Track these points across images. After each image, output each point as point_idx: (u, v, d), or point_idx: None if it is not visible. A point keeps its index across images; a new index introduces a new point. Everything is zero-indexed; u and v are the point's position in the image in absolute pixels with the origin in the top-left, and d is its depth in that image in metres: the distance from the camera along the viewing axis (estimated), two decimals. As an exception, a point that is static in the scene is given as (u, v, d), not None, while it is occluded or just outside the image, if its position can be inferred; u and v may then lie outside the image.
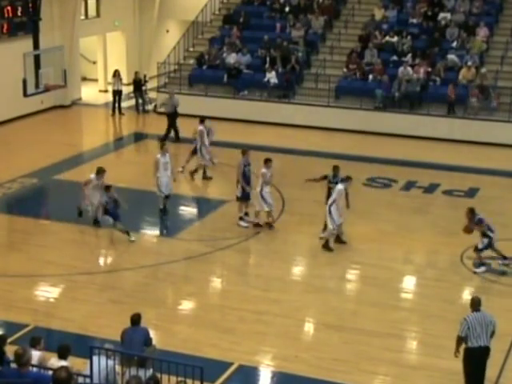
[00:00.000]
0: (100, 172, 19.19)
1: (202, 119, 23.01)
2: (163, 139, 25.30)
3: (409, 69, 28.47)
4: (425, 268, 17.63)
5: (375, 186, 22.74)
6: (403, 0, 32.08)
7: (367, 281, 16.82)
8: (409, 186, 22.73)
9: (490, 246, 16.98)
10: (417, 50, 29.49)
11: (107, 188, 18.75)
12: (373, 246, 18.45)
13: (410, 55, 29.34)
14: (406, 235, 19.02)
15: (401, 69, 28.48)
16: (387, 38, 30.35)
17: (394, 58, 29.67)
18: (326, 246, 18.00)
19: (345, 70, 29.69)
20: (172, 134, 26.65)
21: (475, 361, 11.99)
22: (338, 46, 30.94)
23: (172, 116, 26.73)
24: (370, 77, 29.03)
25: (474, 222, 16.97)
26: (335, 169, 19.16)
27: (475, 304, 12.12)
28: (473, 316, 11.99)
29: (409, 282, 17.19)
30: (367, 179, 23.05)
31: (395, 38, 30.14)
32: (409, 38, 29.89)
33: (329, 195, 18.57)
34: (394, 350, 13.90)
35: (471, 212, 17.06)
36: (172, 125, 26.65)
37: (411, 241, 18.85)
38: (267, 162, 19.39)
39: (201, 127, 22.56)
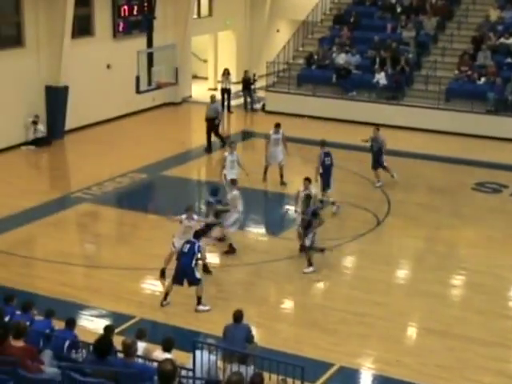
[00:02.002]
0: (189, 210, 16.55)
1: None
2: (222, 142, 25.37)
3: (523, 71, 27.74)
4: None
5: (484, 191, 22.23)
6: (521, 0, 31.26)
7: (474, 287, 16.47)
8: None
9: None
10: (532, 52, 28.70)
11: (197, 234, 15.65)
12: (480, 252, 18.06)
13: (525, 57, 28.59)
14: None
15: (515, 71, 27.78)
16: (502, 39, 29.60)
17: (509, 60, 28.91)
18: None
19: (456, 72, 29.13)
20: (215, 139, 25.69)
21: None
22: (450, 47, 30.38)
23: (212, 121, 25.42)
24: (482, 79, 28.38)
25: None
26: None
27: None
28: None
29: (517, 291, 16.76)
30: (476, 184, 22.56)
31: (510, 40, 29.35)
32: (525, 39, 29.12)
33: None
34: (500, 360, 13.57)
35: None
36: (212, 130, 25.48)
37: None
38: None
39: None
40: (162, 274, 16.43)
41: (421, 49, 30.64)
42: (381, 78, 29.35)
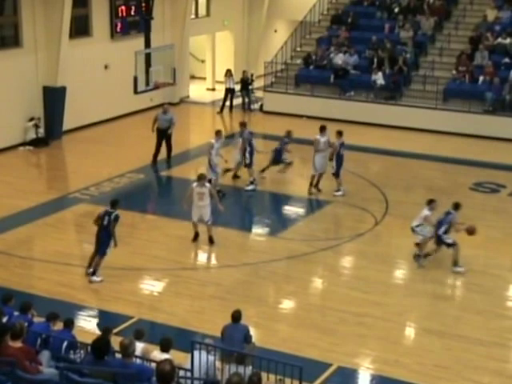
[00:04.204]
0: (201, 178, 18.21)
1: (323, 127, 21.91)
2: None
3: (521, 71, 27.73)
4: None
5: (482, 191, 22.23)
6: (517, 0, 31.27)
7: (472, 287, 16.47)
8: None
9: None
10: (530, 52, 28.72)
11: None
12: (479, 252, 18.06)
13: (522, 58, 28.60)
14: (513, 242, 18.55)
15: (513, 71, 27.78)
16: (499, 39, 29.61)
17: (506, 60, 28.91)
18: None
19: (454, 72, 29.14)
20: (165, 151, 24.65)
21: None
22: (448, 47, 30.39)
23: (164, 132, 24.33)
24: (480, 79, 28.40)
25: None
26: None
27: None
28: None
29: (515, 291, 16.76)
30: (474, 184, 22.57)
31: (508, 40, 29.36)
32: (522, 39, 29.12)
33: None
34: (498, 360, 13.57)
35: None
36: (162, 141, 24.44)
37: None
38: (322, 129, 21.41)
39: (317, 136, 21.94)
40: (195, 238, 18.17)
41: (418, 49, 30.66)
42: (378, 78, 29.36)
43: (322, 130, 21.66)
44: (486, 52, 29.07)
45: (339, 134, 21.40)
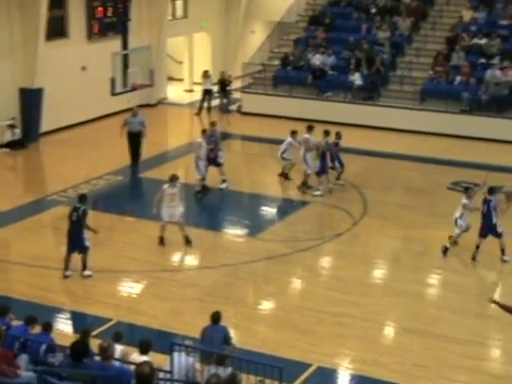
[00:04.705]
0: (173, 179, 18.15)
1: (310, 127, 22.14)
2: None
3: (497, 72, 27.91)
4: (510, 275, 17.25)
5: (460, 191, 22.31)
6: (493, 1, 31.47)
7: (450, 286, 16.56)
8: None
9: None
10: (506, 52, 28.87)
11: None
12: (456, 251, 18.14)
13: (498, 58, 28.75)
14: (491, 241, 18.61)
15: (489, 71, 27.94)
16: (475, 40, 29.80)
17: (482, 60, 29.11)
18: None
19: (431, 72, 29.31)
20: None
21: None
22: (425, 48, 30.56)
23: (137, 136, 23.97)
24: (457, 79, 28.57)
25: None
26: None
27: None
28: None
29: (492, 289, 16.85)
30: (452, 183, 22.67)
31: (483, 40, 29.57)
32: (498, 40, 29.27)
33: None
34: (476, 358, 13.66)
35: None
36: (134, 144, 24.12)
37: (496, 247, 18.44)
38: (309, 128, 21.57)
39: (306, 135, 22.02)
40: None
41: (395, 49, 30.80)
42: (356, 78, 29.46)
43: (310, 129, 21.79)
44: (462, 52, 29.25)
45: (326, 133, 21.59)
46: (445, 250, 17.73)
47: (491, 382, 12.97)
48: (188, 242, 18.16)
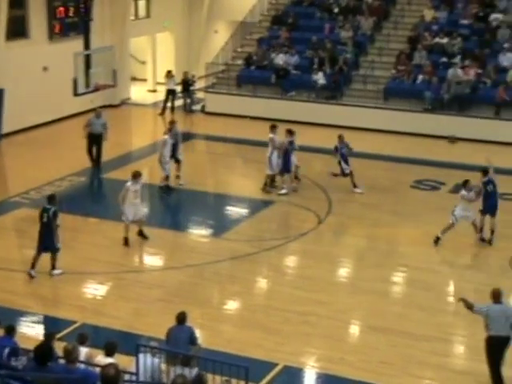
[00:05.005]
0: (136, 176, 18.27)
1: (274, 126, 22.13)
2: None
3: (459, 70, 28.15)
4: (473, 272, 17.41)
5: (423, 189, 22.53)
6: (454, 1, 31.76)
7: (414, 284, 16.67)
8: (457, 188, 22.37)
9: None
10: (467, 51, 29.15)
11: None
12: (420, 249, 18.28)
13: (459, 57, 29.01)
14: (454, 238, 18.79)
15: (450, 70, 28.18)
16: (437, 39, 30.05)
17: (444, 59, 29.35)
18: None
19: (393, 71, 29.49)
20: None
21: (497, 348, 12.37)
22: (387, 47, 30.74)
23: (99, 137, 23.78)
24: (419, 78, 28.79)
25: None
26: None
27: (496, 296, 12.47)
28: (494, 308, 12.35)
29: (456, 286, 16.99)
30: (415, 181, 22.85)
31: (445, 40, 29.83)
32: (459, 39, 29.54)
33: None
34: (441, 355, 13.77)
35: None
36: (94, 146, 23.89)
37: (459, 244, 18.63)
38: (273, 128, 21.56)
39: (271, 135, 21.95)
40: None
41: (358, 49, 30.93)
42: (319, 78, 29.54)
43: (274, 128, 21.80)
44: (424, 51, 29.48)
45: (289, 132, 21.64)
46: (436, 240, 18.23)
47: (456, 378, 13.08)
48: (144, 236, 18.28)
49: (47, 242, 16.30)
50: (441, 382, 13.05)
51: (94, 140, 23.80)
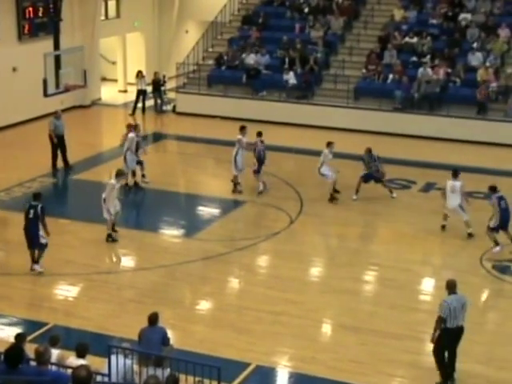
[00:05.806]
0: (120, 174, 18.86)
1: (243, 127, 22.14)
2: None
3: (428, 70, 28.37)
4: (443, 270, 17.54)
5: (394, 188, 22.64)
6: (423, 0, 32.00)
7: (385, 282, 16.78)
8: (428, 187, 22.65)
9: None
10: (437, 50, 29.39)
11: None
12: (391, 247, 18.41)
13: (429, 56, 29.24)
14: (425, 237, 18.96)
15: (420, 70, 28.40)
16: (407, 38, 30.26)
17: (414, 58, 29.57)
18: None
19: (364, 70, 29.64)
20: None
21: (452, 338, 12.55)
22: (357, 46, 30.90)
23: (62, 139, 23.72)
24: (390, 78, 28.96)
25: None
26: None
27: (452, 287, 12.64)
28: (451, 298, 12.47)
29: (427, 284, 17.16)
30: (386, 180, 22.93)
31: (415, 39, 30.05)
32: (429, 38, 29.76)
33: None
34: (412, 352, 13.86)
35: None
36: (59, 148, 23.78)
37: (430, 242, 18.80)
38: (243, 129, 21.60)
39: (239, 136, 21.90)
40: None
41: (329, 48, 31.05)
42: (290, 77, 29.60)
43: (243, 129, 21.77)
44: (394, 51, 29.66)
45: (259, 134, 21.67)
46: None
47: (426, 376, 13.16)
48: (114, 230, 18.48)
49: (33, 238, 16.37)
50: (412, 380, 13.16)
51: (59, 141, 23.66)
